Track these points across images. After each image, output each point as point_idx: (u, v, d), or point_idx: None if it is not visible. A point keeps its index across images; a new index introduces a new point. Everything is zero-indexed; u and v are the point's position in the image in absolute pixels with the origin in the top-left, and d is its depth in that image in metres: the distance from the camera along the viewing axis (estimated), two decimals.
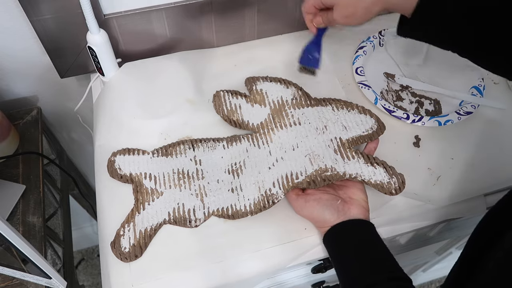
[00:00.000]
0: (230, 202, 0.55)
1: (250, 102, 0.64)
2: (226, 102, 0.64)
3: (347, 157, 0.57)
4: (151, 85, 0.67)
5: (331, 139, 0.59)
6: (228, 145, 0.60)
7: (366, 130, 0.60)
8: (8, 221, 0.49)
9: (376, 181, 0.54)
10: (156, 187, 0.56)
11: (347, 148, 0.58)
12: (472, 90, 0.69)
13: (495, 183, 0.61)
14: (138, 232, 0.53)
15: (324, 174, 0.55)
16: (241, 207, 0.55)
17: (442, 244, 0.98)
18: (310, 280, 0.75)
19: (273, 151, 0.59)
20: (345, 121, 0.61)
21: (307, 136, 0.60)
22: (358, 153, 0.57)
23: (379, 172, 0.55)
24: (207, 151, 0.60)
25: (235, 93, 0.66)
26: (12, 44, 0.68)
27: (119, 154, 0.59)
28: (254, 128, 0.62)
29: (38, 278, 0.55)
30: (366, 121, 0.61)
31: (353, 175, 0.55)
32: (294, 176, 0.56)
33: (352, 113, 0.62)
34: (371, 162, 0.56)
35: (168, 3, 0.66)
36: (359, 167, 0.55)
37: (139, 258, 0.52)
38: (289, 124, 0.61)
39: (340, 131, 0.60)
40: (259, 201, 0.55)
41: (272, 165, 0.57)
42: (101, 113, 0.66)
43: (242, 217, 0.54)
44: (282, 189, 0.55)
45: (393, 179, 0.54)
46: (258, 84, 0.67)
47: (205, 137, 0.62)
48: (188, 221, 0.54)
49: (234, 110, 0.63)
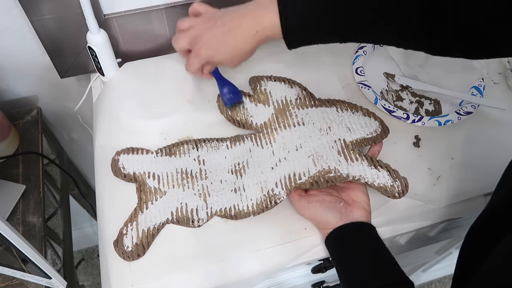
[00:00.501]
0: (233, 203, 0.55)
1: (254, 101, 0.64)
2: None
3: (350, 159, 0.56)
4: (151, 85, 0.67)
5: (335, 140, 0.59)
6: (232, 145, 0.60)
7: (370, 133, 0.59)
8: (8, 221, 0.49)
9: (379, 184, 0.54)
10: (160, 187, 0.57)
11: (350, 150, 0.57)
12: (472, 90, 0.69)
13: (495, 183, 0.61)
14: (141, 231, 0.53)
15: (328, 175, 0.55)
16: (244, 208, 0.55)
17: (442, 244, 0.98)
18: (310, 280, 0.75)
19: (276, 151, 0.59)
20: (349, 123, 0.60)
21: (311, 136, 0.59)
22: (361, 155, 0.57)
23: (383, 175, 0.54)
24: (210, 151, 0.60)
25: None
26: (12, 44, 0.68)
27: (123, 153, 0.59)
28: (257, 128, 0.62)
29: (38, 278, 0.55)
30: (370, 124, 0.60)
31: (356, 177, 0.54)
32: (297, 176, 0.55)
33: (357, 115, 0.62)
34: (374, 165, 0.55)
35: (168, 3, 0.66)
36: (363, 169, 0.55)
37: (141, 257, 0.52)
38: (293, 124, 0.61)
39: (344, 133, 0.59)
40: (261, 201, 0.55)
41: (275, 165, 0.57)
42: (101, 113, 0.65)
43: (244, 217, 0.54)
44: (284, 190, 0.55)
45: (396, 182, 0.54)
46: (262, 83, 0.66)
47: (205, 137, 0.62)
48: (191, 221, 0.54)
49: (238, 110, 0.63)
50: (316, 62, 0.73)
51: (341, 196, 0.54)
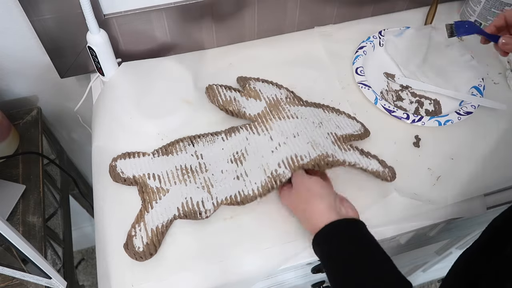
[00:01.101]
0: (238, 189, 0.56)
1: (244, 96, 0.65)
2: (220, 94, 0.65)
3: (344, 149, 0.59)
4: (149, 86, 0.67)
5: (328, 133, 0.61)
6: (227, 136, 0.61)
7: (356, 131, 0.62)
8: (8, 221, 0.49)
9: (372, 169, 0.58)
10: (161, 185, 0.57)
11: (342, 142, 0.60)
12: (472, 90, 0.69)
13: (495, 183, 0.61)
14: (150, 231, 0.53)
15: (327, 159, 0.56)
16: (249, 192, 0.55)
17: (442, 244, 0.98)
18: (310, 280, 0.75)
19: (274, 137, 0.59)
20: (336, 121, 0.63)
21: (306, 128, 0.60)
22: (353, 146, 0.60)
23: (374, 163, 0.58)
24: (206, 145, 0.61)
25: (228, 88, 0.66)
26: (12, 44, 0.68)
27: (120, 158, 0.59)
28: (251, 118, 0.62)
29: (38, 278, 0.55)
30: (354, 124, 0.64)
31: (352, 162, 0.57)
32: (299, 157, 0.56)
33: (341, 117, 0.64)
34: (365, 155, 0.59)
35: (168, 3, 0.66)
36: (357, 157, 0.58)
37: (154, 256, 0.52)
38: (287, 117, 0.62)
39: (334, 128, 0.62)
40: (266, 183, 0.55)
41: (275, 149, 0.58)
42: (99, 113, 0.65)
43: (251, 201, 0.55)
44: (288, 169, 0.55)
45: (386, 169, 0.58)
46: (251, 83, 0.67)
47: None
48: (198, 213, 0.54)
49: (229, 101, 0.64)
50: (316, 62, 0.73)
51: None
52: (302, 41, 0.76)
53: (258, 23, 0.74)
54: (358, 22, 0.80)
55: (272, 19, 0.74)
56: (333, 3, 0.75)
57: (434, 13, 0.78)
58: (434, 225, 0.62)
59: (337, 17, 0.78)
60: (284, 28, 0.77)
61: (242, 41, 0.76)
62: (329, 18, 0.78)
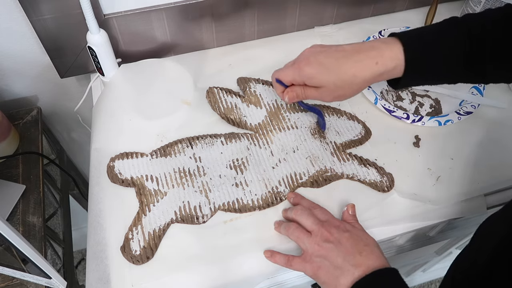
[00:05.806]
0: (236, 196, 0.56)
1: (245, 102, 0.66)
2: (221, 100, 0.65)
3: (343, 159, 0.61)
4: (149, 86, 0.67)
5: (327, 142, 0.62)
6: (227, 141, 0.61)
7: (356, 135, 0.63)
8: (8, 221, 0.49)
9: (370, 180, 0.59)
10: (159, 188, 0.57)
11: (341, 151, 0.61)
12: (472, 90, 0.69)
13: (495, 183, 0.61)
14: (147, 234, 0.53)
15: (325, 175, 0.59)
16: (249, 201, 0.56)
17: (442, 244, 0.98)
18: (310, 280, 0.75)
19: (275, 152, 0.61)
20: (337, 127, 0.64)
21: (305, 139, 0.62)
22: (352, 155, 0.61)
23: (372, 172, 0.59)
24: (205, 147, 0.61)
25: (229, 92, 0.66)
26: (12, 44, 0.68)
27: (117, 159, 0.59)
28: (252, 128, 0.63)
29: (38, 278, 0.55)
30: (355, 127, 0.64)
31: (350, 175, 0.59)
32: (298, 176, 0.58)
33: (342, 119, 0.65)
34: (364, 164, 0.60)
35: (168, 3, 0.66)
36: (355, 168, 0.60)
37: (151, 259, 0.52)
38: (287, 127, 0.63)
39: (334, 136, 0.63)
40: (266, 197, 0.56)
41: (276, 165, 0.59)
42: (99, 114, 0.65)
43: (249, 211, 0.55)
44: (288, 188, 0.57)
45: (384, 178, 0.59)
46: (251, 85, 0.68)
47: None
48: (195, 218, 0.55)
49: (231, 109, 0.64)
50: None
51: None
52: (302, 41, 0.75)
53: (258, 23, 0.74)
54: (358, 22, 0.80)
55: (272, 19, 0.74)
56: (333, 3, 0.75)
57: (434, 13, 0.78)
58: (434, 225, 0.62)
59: (337, 17, 0.78)
60: (284, 28, 0.77)
61: (242, 41, 0.76)
62: (329, 18, 0.78)
